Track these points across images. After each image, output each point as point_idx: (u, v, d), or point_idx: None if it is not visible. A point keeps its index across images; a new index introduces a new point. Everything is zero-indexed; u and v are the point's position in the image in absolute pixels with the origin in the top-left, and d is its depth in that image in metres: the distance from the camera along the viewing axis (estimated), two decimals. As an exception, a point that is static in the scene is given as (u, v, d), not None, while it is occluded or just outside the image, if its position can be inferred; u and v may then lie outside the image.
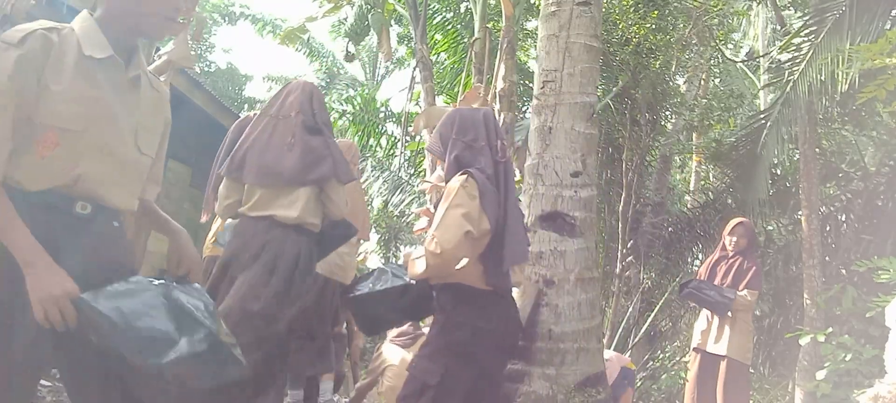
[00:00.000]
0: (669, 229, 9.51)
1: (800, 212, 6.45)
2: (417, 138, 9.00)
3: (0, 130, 1.44)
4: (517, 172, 6.61)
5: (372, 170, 11.30)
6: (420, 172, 10.94)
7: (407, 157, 11.36)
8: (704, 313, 4.80)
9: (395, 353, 4.32)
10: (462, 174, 2.45)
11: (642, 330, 7.60)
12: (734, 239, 4.78)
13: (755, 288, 4.64)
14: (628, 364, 4.62)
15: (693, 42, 8.52)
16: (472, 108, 2.87)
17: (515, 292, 3.34)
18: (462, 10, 11.13)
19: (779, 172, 8.15)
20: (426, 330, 4.46)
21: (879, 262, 4.71)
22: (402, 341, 4.33)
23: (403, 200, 10.90)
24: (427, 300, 2.58)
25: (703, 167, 11.65)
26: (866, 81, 5.02)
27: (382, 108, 13.07)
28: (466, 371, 2.41)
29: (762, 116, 7.41)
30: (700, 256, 9.83)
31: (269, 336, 2.67)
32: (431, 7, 10.47)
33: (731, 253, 4.77)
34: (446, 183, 2.51)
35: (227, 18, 19.76)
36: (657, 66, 8.01)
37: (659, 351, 8.51)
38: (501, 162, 2.57)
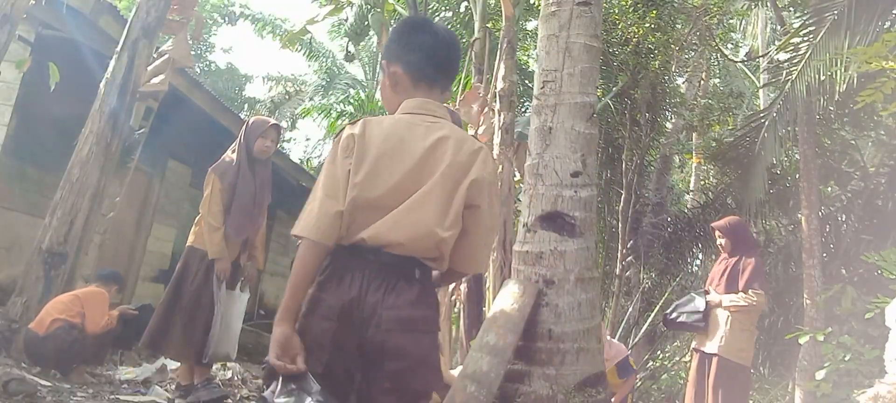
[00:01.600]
0: (669, 229, 9.51)
1: (800, 212, 6.45)
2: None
3: None
4: (517, 172, 6.63)
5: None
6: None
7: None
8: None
9: None
10: None
11: (642, 330, 7.60)
12: (721, 241, 4.82)
13: (756, 287, 4.47)
14: (629, 361, 4.63)
15: (693, 42, 8.53)
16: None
17: (515, 291, 3.35)
18: (462, 9, 11.13)
19: (778, 172, 8.15)
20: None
21: (886, 256, 4.65)
22: None
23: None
24: None
25: (703, 167, 11.66)
26: (865, 81, 5.02)
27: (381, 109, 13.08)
28: None
29: (761, 116, 7.41)
30: (700, 256, 9.83)
31: None
32: (431, 7, 10.47)
33: (726, 256, 4.78)
34: None
35: (227, 18, 19.75)
36: (656, 66, 8.02)
37: (659, 351, 8.51)
38: None
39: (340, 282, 1.62)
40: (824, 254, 6.34)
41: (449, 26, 11.19)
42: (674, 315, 4.84)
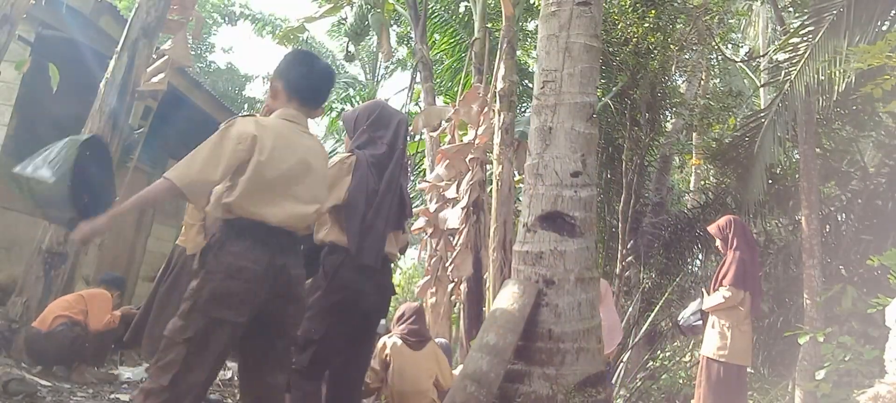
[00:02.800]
0: (669, 229, 9.50)
1: (800, 213, 6.44)
2: (417, 138, 9.00)
3: None
4: (517, 172, 6.62)
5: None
6: (420, 172, 10.95)
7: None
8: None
9: (403, 353, 4.21)
10: (349, 153, 2.87)
11: (642, 330, 7.60)
12: (716, 242, 4.89)
13: (729, 284, 4.49)
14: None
15: (693, 42, 8.52)
16: (393, 110, 3.12)
17: (515, 291, 3.35)
18: (462, 9, 11.13)
19: (778, 172, 8.14)
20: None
21: (888, 257, 4.63)
22: (412, 342, 4.23)
23: (403, 200, 10.85)
24: (315, 257, 2.86)
25: (703, 167, 11.65)
26: (865, 81, 5.03)
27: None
28: (344, 328, 2.75)
29: (761, 116, 7.41)
30: (700, 256, 9.82)
31: None
32: (431, 7, 10.47)
33: (723, 254, 4.82)
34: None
35: (227, 18, 19.73)
36: (656, 66, 8.01)
37: (659, 351, 8.50)
38: (398, 163, 2.92)
39: (254, 250, 2.13)
40: (824, 254, 6.33)
41: (448, 27, 11.18)
42: (680, 321, 4.92)
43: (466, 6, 10.80)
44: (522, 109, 9.60)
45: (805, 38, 5.89)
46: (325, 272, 2.80)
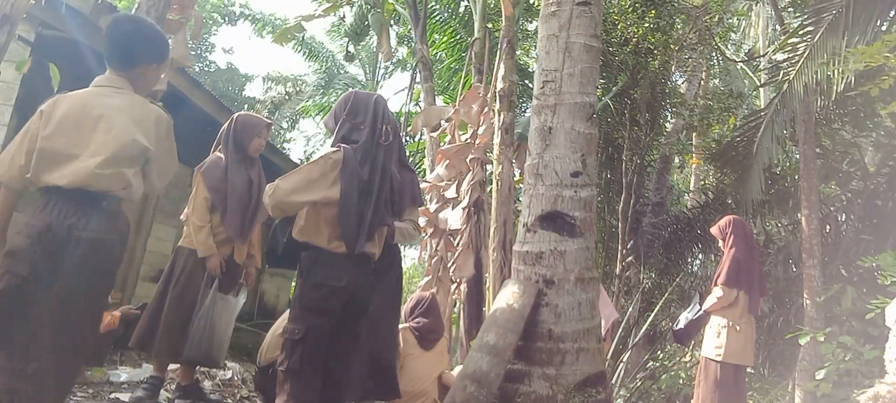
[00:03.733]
0: (669, 229, 9.51)
1: (800, 213, 6.44)
2: (417, 138, 9.00)
3: None
4: (517, 172, 6.63)
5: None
6: (420, 172, 10.95)
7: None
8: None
9: (411, 350, 4.15)
10: (335, 147, 2.84)
11: (642, 330, 7.60)
12: (719, 242, 4.91)
13: (721, 283, 4.54)
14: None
15: (693, 42, 8.52)
16: (367, 93, 3.15)
17: (515, 291, 3.35)
18: (462, 9, 11.13)
19: (778, 172, 8.14)
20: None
21: (883, 259, 4.66)
22: (423, 340, 4.18)
23: (403, 200, 10.84)
24: (293, 251, 2.89)
25: (703, 167, 11.66)
26: (864, 81, 5.03)
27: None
28: (326, 325, 2.72)
29: (759, 116, 7.41)
30: (700, 256, 9.83)
31: None
32: (431, 7, 10.47)
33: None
34: None
35: (227, 18, 19.74)
36: (656, 66, 8.02)
37: (659, 351, 8.51)
38: (381, 143, 2.91)
39: (40, 210, 2.16)
40: (824, 254, 6.34)
41: (448, 26, 11.19)
42: (678, 325, 4.91)
43: (466, 6, 10.81)
44: (522, 109, 9.61)
45: (804, 38, 5.89)
46: (299, 270, 2.81)
